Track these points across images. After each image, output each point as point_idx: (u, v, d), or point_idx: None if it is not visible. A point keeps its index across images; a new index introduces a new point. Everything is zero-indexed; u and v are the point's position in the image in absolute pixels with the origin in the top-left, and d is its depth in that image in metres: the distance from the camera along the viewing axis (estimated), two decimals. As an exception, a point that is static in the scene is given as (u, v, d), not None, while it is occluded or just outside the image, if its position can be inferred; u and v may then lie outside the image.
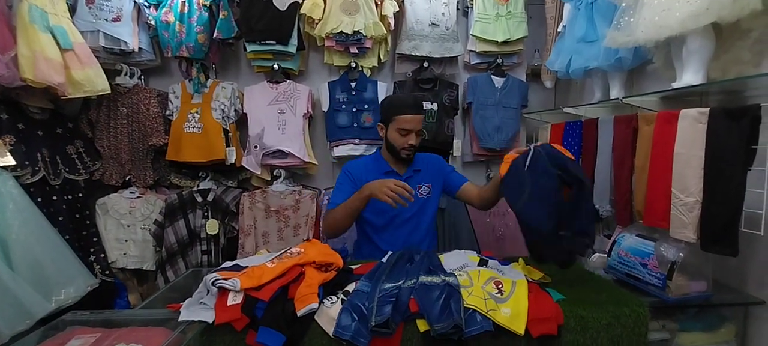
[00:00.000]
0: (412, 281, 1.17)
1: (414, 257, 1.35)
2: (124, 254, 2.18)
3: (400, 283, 1.16)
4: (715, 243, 1.20)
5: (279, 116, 2.28)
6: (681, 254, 1.22)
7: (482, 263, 1.35)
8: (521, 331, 1.06)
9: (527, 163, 1.23)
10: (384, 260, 1.35)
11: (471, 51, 2.42)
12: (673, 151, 1.30)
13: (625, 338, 1.13)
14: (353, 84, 2.30)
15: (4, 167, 1.67)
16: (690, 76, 1.31)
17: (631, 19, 1.40)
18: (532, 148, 1.26)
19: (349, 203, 1.53)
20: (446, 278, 1.17)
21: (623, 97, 1.61)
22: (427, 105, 2.30)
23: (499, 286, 1.18)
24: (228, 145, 2.23)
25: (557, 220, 1.17)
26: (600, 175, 1.74)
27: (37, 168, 1.84)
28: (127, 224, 2.19)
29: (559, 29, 2.11)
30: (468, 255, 1.43)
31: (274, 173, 2.33)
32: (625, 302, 1.16)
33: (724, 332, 1.30)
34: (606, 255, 1.46)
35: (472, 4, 2.37)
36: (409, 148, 1.60)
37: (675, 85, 1.36)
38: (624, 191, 1.56)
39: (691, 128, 1.25)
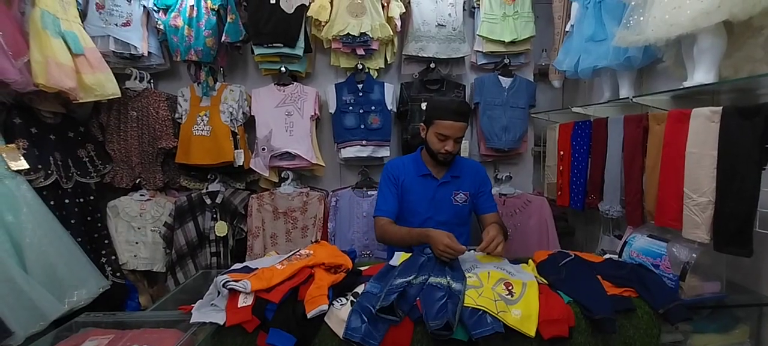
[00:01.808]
0: (424, 277, 1.19)
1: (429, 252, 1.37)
2: (135, 255, 2.21)
3: (410, 278, 1.18)
4: (729, 244, 1.18)
5: (286, 118, 2.29)
6: (694, 255, 1.21)
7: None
8: (532, 333, 1.05)
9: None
10: (395, 263, 1.35)
11: (478, 51, 2.42)
12: (685, 150, 1.28)
13: (638, 339, 1.12)
14: (360, 86, 2.31)
15: (18, 171, 1.69)
16: (701, 74, 1.29)
17: (641, 18, 1.39)
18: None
19: (406, 236, 1.54)
20: (452, 283, 1.16)
21: (633, 97, 1.59)
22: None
23: (510, 287, 1.17)
24: (236, 148, 2.24)
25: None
26: (610, 175, 1.72)
27: (49, 171, 1.87)
28: (138, 226, 2.21)
29: (567, 28, 2.10)
30: (476, 254, 1.42)
31: (282, 175, 2.34)
32: (637, 304, 1.15)
33: (738, 333, 1.28)
34: (617, 256, 1.44)
35: (479, 5, 2.36)
36: (446, 154, 1.59)
37: (686, 83, 1.35)
38: (635, 191, 1.55)
39: (704, 127, 1.23)
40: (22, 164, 1.71)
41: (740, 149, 1.15)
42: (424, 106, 2.27)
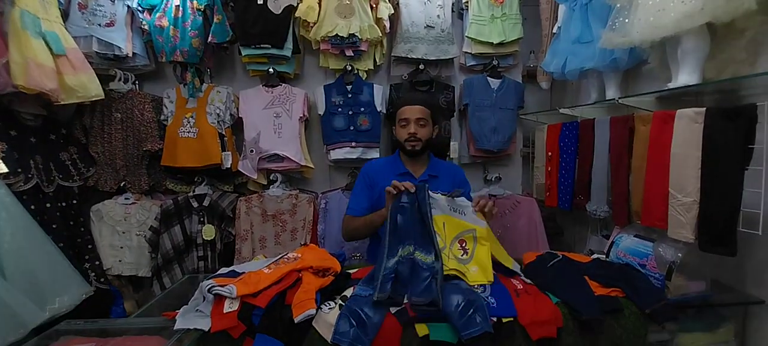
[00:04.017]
0: (410, 247, 1.24)
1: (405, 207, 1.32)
2: (120, 260, 2.16)
3: (398, 255, 1.23)
4: (714, 243, 1.20)
5: (275, 120, 2.26)
6: (679, 254, 1.22)
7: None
8: (490, 279, 1.21)
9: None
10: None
11: (466, 53, 2.42)
12: (670, 151, 1.30)
13: (625, 339, 1.13)
14: (349, 87, 2.30)
15: (-4, 175, 1.65)
16: (686, 76, 1.31)
17: (626, 20, 1.41)
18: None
19: (369, 218, 1.58)
20: (435, 262, 1.19)
21: (619, 98, 1.61)
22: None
23: (464, 245, 1.28)
24: (224, 150, 2.21)
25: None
26: (597, 175, 1.74)
27: (30, 175, 1.82)
28: (123, 230, 2.17)
29: (554, 30, 2.12)
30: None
31: (271, 177, 2.31)
32: (624, 304, 1.16)
33: (723, 331, 1.29)
34: (604, 256, 1.45)
35: (467, 6, 2.37)
36: (410, 138, 1.62)
37: (671, 85, 1.37)
38: (621, 192, 1.56)
39: (688, 128, 1.25)
40: (1, 168, 1.67)
41: (724, 150, 1.16)
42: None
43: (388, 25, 2.27)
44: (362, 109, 2.29)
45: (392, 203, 1.33)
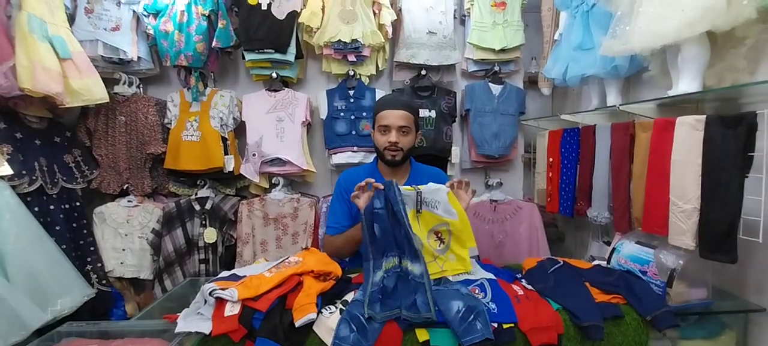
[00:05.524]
0: (395, 261, 1.22)
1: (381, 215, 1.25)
2: (121, 263, 2.17)
3: (383, 270, 1.21)
4: (714, 250, 1.19)
5: (277, 124, 2.28)
6: (680, 262, 1.22)
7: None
8: (468, 269, 1.26)
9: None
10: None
11: (468, 59, 2.44)
12: (671, 158, 1.30)
13: (626, 346, 1.13)
14: (351, 92, 2.31)
15: (1, 177, 1.66)
16: (686, 83, 1.31)
17: (627, 28, 1.41)
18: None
19: (349, 234, 1.51)
20: (420, 270, 1.17)
21: (620, 105, 1.61)
22: (424, 112, 2.31)
23: (440, 236, 1.28)
24: (226, 154, 2.22)
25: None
26: (598, 181, 1.74)
27: (34, 177, 1.83)
28: (125, 232, 2.18)
29: (555, 37, 2.12)
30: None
31: (273, 181, 2.32)
32: (625, 311, 1.16)
33: (724, 339, 1.29)
34: (605, 262, 1.45)
35: (469, 13, 2.39)
36: (391, 147, 1.50)
37: (671, 92, 1.37)
38: (622, 198, 1.56)
39: (688, 135, 1.25)
40: (6, 170, 1.68)
41: (724, 157, 1.16)
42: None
43: (390, 30, 2.29)
44: (364, 113, 2.30)
45: (365, 209, 1.26)
